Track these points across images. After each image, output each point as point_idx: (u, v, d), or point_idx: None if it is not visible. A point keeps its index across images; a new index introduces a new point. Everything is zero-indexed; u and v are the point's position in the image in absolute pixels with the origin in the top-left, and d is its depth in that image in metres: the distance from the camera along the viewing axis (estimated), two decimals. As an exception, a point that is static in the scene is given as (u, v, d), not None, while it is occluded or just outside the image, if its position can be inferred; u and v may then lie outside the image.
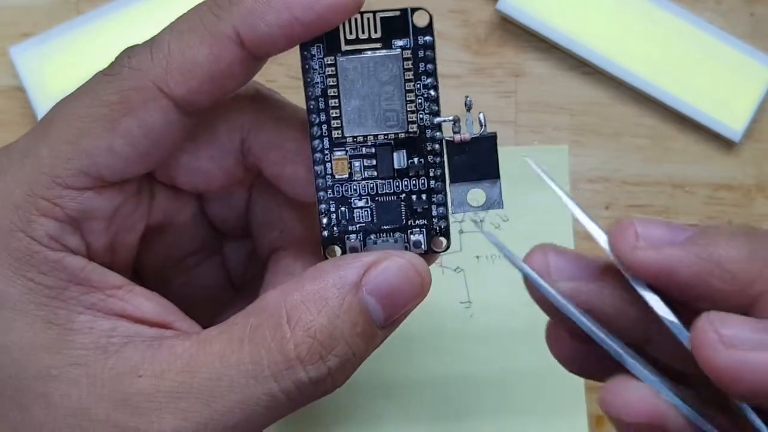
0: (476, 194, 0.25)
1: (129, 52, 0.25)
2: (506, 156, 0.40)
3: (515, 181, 0.39)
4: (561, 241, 0.40)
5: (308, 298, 0.24)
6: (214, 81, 0.24)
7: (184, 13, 0.25)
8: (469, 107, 0.25)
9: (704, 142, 0.41)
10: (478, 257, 0.40)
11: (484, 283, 0.40)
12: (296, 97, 0.27)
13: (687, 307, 0.22)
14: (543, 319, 0.24)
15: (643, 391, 0.21)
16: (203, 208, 0.29)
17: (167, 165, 0.27)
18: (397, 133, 0.25)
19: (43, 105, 0.40)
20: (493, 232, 0.39)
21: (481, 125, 0.25)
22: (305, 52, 0.25)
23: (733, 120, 0.40)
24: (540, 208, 0.40)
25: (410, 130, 0.25)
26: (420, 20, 0.25)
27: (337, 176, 0.26)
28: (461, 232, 0.37)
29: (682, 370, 0.23)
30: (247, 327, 0.24)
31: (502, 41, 0.42)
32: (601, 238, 0.23)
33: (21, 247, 0.24)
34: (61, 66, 0.40)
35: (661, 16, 0.41)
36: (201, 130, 0.27)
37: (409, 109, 0.25)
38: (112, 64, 0.25)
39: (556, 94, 0.42)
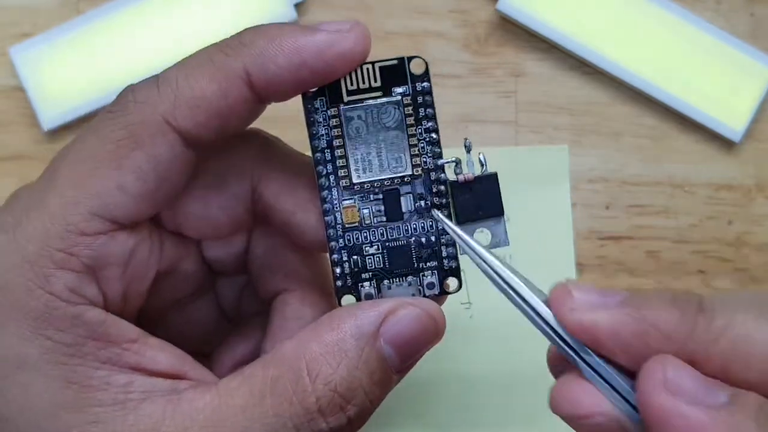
0: (482, 234, 0.26)
1: (132, 88, 0.25)
2: (506, 156, 0.40)
3: (515, 181, 0.40)
4: (561, 240, 0.40)
5: (327, 350, 0.24)
6: (220, 117, 0.24)
7: (192, 53, 0.25)
8: (468, 149, 0.26)
9: (704, 142, 0.41)
10: (478, 258, 0.40)
11: (484, 284, 0.39)
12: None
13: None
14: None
15: (593, 389, 0.22)
16: (201, 250, 0.30)
17: (176, 213, 0.27)
18: (402, 177, 0.26)
19: (43, 105, 0.40)
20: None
21: (482, 165, 0.26)
22: (309, 106, 0.26)
23: (733, 120, 0.40)
24: (540, 208, 0.40)
25: (415, 173, 0.26)
26: (417, 68, 0.26)
27: (347, 225, 0.26)
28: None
29: None
30: (267, 379, 0.24)
31: (502, 41, 0.42)
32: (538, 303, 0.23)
33: (39, 305, 0.23)
34: (61, 66, 0.40)
35: (661, 16, 0.41)
36: (211, 178, 0.27)
37: (412, 153, 0.26)
38: (115, 102, 0.25)
39: (556, 94, 0.42)
